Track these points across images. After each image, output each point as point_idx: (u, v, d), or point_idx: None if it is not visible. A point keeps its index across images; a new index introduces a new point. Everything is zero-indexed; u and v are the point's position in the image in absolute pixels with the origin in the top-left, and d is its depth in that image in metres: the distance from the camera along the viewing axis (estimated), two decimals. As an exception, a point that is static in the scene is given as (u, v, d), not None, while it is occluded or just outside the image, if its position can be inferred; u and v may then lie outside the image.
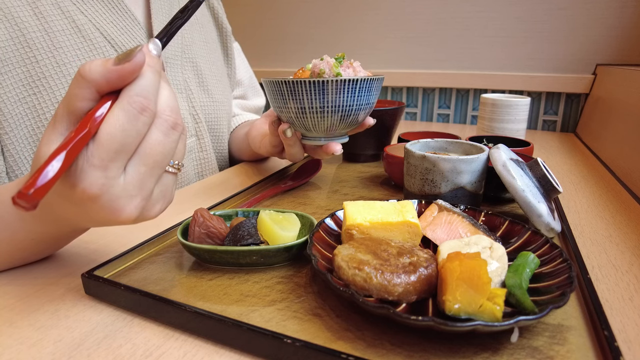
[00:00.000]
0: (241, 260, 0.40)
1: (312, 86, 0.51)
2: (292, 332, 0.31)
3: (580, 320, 0.33)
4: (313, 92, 0.52)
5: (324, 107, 0.53)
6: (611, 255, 0.45)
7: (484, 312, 0.29)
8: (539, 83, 1.20)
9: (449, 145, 0.59)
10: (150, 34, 0.66)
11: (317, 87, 0.52)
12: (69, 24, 0.56)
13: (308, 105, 0.53)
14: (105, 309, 0.36)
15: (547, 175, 0.48)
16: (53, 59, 0.54)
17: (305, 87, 0.52)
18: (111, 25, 0.60)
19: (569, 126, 1.22)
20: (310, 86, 0.52)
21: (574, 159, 0.88)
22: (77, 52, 0.56)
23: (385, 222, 0.40)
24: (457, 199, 0.52)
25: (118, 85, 0.28)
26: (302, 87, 0.52)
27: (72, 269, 0.43)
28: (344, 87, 0.52)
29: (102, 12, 0.60)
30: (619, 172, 0.74)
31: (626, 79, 0.88)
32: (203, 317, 0.32)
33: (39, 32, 0.53)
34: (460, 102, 1.33)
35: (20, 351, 0.31)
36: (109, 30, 0.60)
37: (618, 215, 0.56)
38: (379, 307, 0.29)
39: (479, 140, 0.77)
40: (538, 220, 0.44)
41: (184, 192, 0.67)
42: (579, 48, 1.15)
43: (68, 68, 0.55)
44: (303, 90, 0.52)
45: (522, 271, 0.34)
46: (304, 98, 0.53)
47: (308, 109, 0.54)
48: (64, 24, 0.56)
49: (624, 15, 1.08)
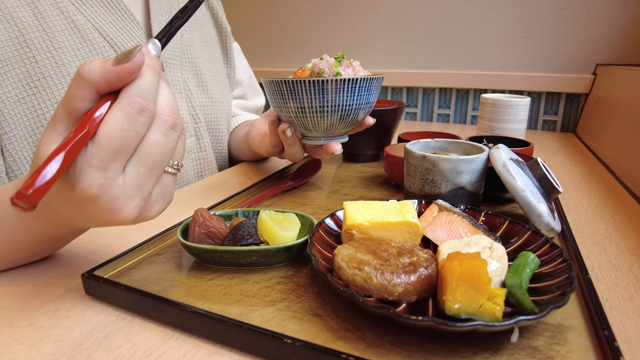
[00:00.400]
0: (241, 260, 0.40)
1: (312, 85, 0.51)
2: (292, 332, 0.31)
3: (580, 320, 0.33)
4: (312, 92, 0.52)
5: (323, 106, 0.53)
6: (611, 255, 0.45)
7: (484, 312, 0.29)
8: (539, 83, 1.20)
9: (449, 145, 0.59)
10: (149, 34, 0.66)
11: (316, 87, 0.52)
12: (68, 24, 0.56)
13: (308, 105, 0.53)
14: (105, 309, 0.36)
15: (547, 175, 0.48)
16: (52, 59, 0.54)
17: (305, 87, 0.52)
18: (110, 25, 0.60)
19: (569, 126, 1.22)
20: (310, 86, 0.52)
21: (574, 159, 0.88)
22: (76, 53, 0.56)
23: (385, 222, 0.40)
24: (457, 199, 0.52)
25: (117, 86, 0.28)
26: (302, 87, 0.52)
27: (72, 269, 0.43)
28: (344, 86, 0.52)
29: (101, 13, 0.60)
30: (619, 172, 0.74)
31: (626, 79, 0.88)
32: (203, 317, 0.32)
33: (38, 32, 0.53)
34: (460, 102, 1.33)
35: (20, 351, 0.31)
36: (108, 31, 0.60)
37: (618, 215, 0.56)
38: (379, 307, 0.29)
39: (479, 140, 0.77)
40: (538, 220, 0.44)
41: (184, 192, 0.67)
42: (579, 48, 1.15)
43: (67, 68, 0.55)
44: (302, 89, 0.52)
45: (522, 271, 0.34)
46: (303, 97, 0.53)
47: (308, 108, 0.54)
48: (63, 24, 0.56)
49: (624, 15, 1.08)
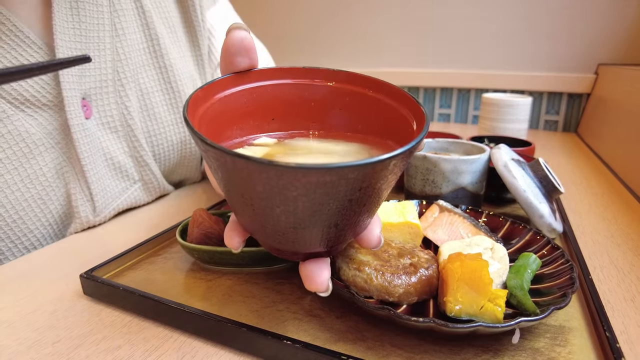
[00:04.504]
0: (240, 261, 0.40)
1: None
2: (292, 333, 0.31)
3: (582, 321, 0.33)
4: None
5: None
6: (613, 256, 0.44)
7: (485, 314, 0.29)
8: (540, 83, 1.20)
9: (450, 146, 0.59)
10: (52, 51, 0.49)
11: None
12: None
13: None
14: (104, 310, 0.36)
15: (549, 175, 0.47)
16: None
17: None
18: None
19: (570, 126, 1.21)
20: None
21: (576, 159, 0.87)
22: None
23: (386, 222, 0.40)
24: (458, 199, 0.51)
25: None
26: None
27: (70, 269, 0.43)
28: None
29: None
30: (621, 172, 0.73)
31: (628, 79, 0.88)
32: (202, 318, 0.32)
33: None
34: (462, 101, 1.32)
35: (18, 352, 0.31)
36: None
37: (620, 216, 0.56)
38: (380, 308, 0.29)
39: (480, 140, 0.77)
40: (540, 220, 0.43)
41: (183, 192, 0.67)
42: (580, 47, 1.14)
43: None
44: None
45: (524, 272, 0.34)
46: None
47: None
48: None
49: (626, 14, 1.08)
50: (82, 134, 0.50)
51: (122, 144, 0.56)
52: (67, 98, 0.48)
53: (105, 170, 0.55)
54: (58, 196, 0.50)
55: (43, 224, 0.50)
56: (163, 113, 0.61)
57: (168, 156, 0.63)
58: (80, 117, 0.50)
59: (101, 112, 0.54)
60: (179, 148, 0.65)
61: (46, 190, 0.49)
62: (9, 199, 0.46)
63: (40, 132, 0.48)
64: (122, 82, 0.55)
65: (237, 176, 0.22)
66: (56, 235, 0.52)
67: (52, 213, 0.50)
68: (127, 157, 0.57)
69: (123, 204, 0.57)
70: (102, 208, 0.54)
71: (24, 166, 0.47)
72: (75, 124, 0.49)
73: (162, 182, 0.62)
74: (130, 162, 0.58)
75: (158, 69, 0.60)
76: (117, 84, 0.55)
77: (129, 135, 0.57)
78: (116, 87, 0.55)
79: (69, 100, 0.48)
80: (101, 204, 0.53)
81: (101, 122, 0.54)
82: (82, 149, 0.50)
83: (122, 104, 0.56)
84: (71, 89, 0.49)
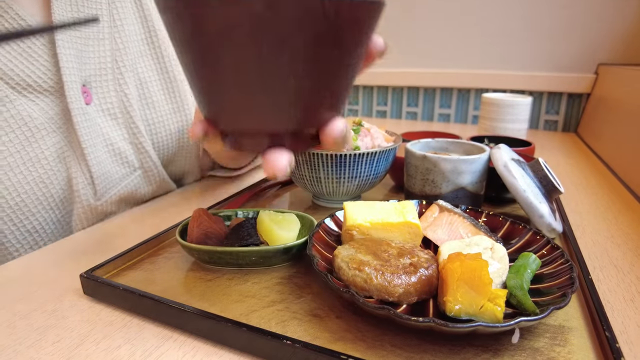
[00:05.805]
0: (240, 260, 0.40)
1: (330, 159, 0.50)
2: (292, 333, 0.31)
3: (582, 321, 0.33)
4: (330, 164, 0.51)
5: (340, 177, 0.52)
6: (613, 256, 0.45)
7: (485, 313, 0.29)
8: (540, 83, 1.20)
9: (449, 145, 0.59)
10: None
11: (334, 160, 0.51)
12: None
13: (324, 176, 0.52)
14: (104, 309, 0.36)
15: (549, 175, 0.47)
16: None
17: (322, 160, 0.51)
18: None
19: (570, 126, 1.21)
20: (328, 159, 0.50)
21: (576, 159, 0.87)
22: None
23: (386, 222, 0.40)
24: (458, 199, 0.51)
25: None
26: (319, 160, 0.51)
27: (70, 268, 0.43)
28: (362, 159, 0.51)
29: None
30: (621, 172, 0.73)
31: (628, 79, 0.88)
32: (202, 318, 0.32)
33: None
34: (461, 101, 1.32)
35: (18, 352, 0.31)
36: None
37: (620, 215, 0.56)
38: (380, 308, 0.29)
39: (480, 140, 0.77)
40: (539, 220, 0.43)
41: (184, 192, 0.67)
42: (580, 47, 1.14)
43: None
44: (319, 162, 0.51)
45: (523, 272, 0.34)
46: (319, 169, 0.52)
47: (324, 178, 0.52)
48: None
49: (626, 14, 1.07)
50: (82, 117, 0.51)
51: (122, 131, 0.57)
52: (67, 83, 0.49)
53: (106, 155, 0.55)
54: (60, 180, 0.51)
55: (45, 208, 0.50)
56: (161, 102, 0.62)
57: (167, 145, 0.64)
58: (81, 102, 0.51)
59: (101, 98, 0.55)
60: (177, 137, 0.66)
61: (48, 173, 0.50)
62: (11, 181, 0.47)
63: (42, 117, 0.49)
64: (121, 70, 0.57)
65: (192, 27, 0.23)
66: (58, 220, 0.53)
67: (54, 197, 0.51)
68: (127, 143, 0.58)
69: (124, 190, 0.58)
70: (103, 192, 0.54)
71: (26, 149, 0.48)
72: (76, 108, 0.50)
73: (161, 171, 0.63)
74: (130, 149, 0.59)
75: (156, 59, 0.62)
76: (116, 72, 0.57)
77: (129, 123, 0.58)
78: (115, 75, 0.57)
79: (69, 85, 0.49)
80: (102, 188, 0.54)
81: (101, 108, 0.55)
82: (83, 132, 0.51)
83: (122, 92, 0.57)
84: (71, 74, 0.50)
